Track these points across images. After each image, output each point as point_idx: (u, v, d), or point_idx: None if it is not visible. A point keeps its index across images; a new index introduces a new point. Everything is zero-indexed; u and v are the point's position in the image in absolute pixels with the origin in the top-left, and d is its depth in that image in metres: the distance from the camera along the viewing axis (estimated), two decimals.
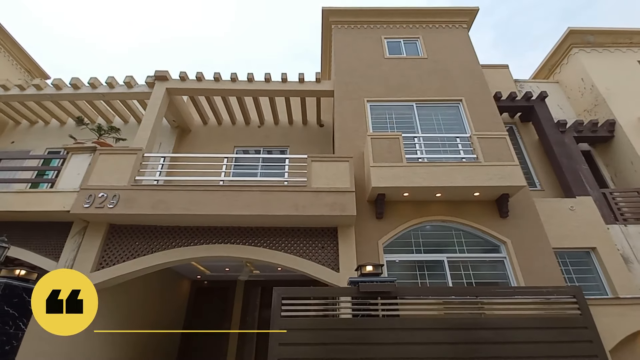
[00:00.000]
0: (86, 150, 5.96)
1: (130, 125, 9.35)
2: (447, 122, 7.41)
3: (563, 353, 3.49)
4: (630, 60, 8.59)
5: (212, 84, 8.06)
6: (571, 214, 6.46)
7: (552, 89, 9.27)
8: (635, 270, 6.04)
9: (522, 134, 8.31)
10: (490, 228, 5.92)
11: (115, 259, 5.49)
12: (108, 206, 5.32)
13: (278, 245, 5.62)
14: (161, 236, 5.68)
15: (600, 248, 6.10)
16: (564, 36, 8.89)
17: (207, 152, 8.93)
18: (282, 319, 3.59)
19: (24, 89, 8.07)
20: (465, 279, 5.64)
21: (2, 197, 5.50)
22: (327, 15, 8.94)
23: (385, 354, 3.42)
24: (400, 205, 6.09)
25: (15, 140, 9.12)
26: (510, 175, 5.73)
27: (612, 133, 7.64)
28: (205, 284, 9.30)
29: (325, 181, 5.68)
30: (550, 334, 3.58)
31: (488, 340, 3.51)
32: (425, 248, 5.93)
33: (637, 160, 7.13)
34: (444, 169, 5.76)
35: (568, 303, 3.68)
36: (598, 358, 3.40)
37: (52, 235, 5.76)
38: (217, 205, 5.37)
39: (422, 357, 3.41)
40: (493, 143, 6.10)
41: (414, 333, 3.53)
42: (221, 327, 8.54)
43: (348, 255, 5.49)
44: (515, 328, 3.62)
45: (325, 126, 9.59)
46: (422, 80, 7.87)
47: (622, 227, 6.48)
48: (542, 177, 7.62)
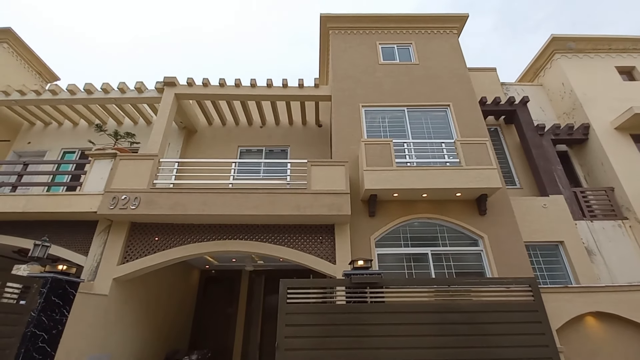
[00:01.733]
0: (107, 156, 6.59)
1: (139, 126, 9.94)
2: (436, 126, 8.05)
3: (519, 331, 4.27)
4: (607, 65, 9.18)
5: (218, 89, 8.61)
6: (544, 211, 7.21)
7: (536, 92, 9.89)
8: (597, 261, 6.84)
9: (505, 135, 8.98)
10: (470, 224, 6.66)
11: (138, 253, 6.21)
12: (131, 207, 6.00)
13: (282, 241, 6.34)
14: (178, 233, 6.39)
15: (567, 242, 6.88)
16: (547, 43, 9.44)
17: (213, 151, 9.59)
18: (287, 305, 4.34)
19: (40, 93, 8.61)
20: (446, 269, 6.41)
21: (35, 199, 6.16)
22: (325, 21, 9.41)
23: (373, 332, 4.19)
24: (390, 204, 6.80)
25: (31, 141, 9.69)
26: (488, 178, 6.42)
27: (586, 136, 8.32)
28: (213, 273, 10.08)
29: (324, 184, 6.36)
30: (509, 315, 4.35)
31: (458, 321, 4.28)
32: (412, 242, 6.67)
33: (606, 162, 7.84)
34: (429, 173, 6.44)
35: (524, 291, 4.45)
36: (545, 335, 4.19)
37: (79, 232, 6.46)
38: (229, 206, 6.06)
39: (402, 334, 4.18)
40: (474, 148, 6.77)
41: (397, 316, 4.29)
42: (228, 311, 9.39)
43: (343, 249, 6.22)
44: (481, 311, 4.39)
45: (323, 126, 10.19)
46: (414, 86, 8.46)
47: (589, 223, 7.25)
48: (521, 177, 8.34)
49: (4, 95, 8.61)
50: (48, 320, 4.52)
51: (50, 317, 4.60)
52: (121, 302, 6.18)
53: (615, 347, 4.36)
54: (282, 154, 9.92)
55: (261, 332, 9.12)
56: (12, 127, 9.70)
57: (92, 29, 50.56)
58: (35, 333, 4.32)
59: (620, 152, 7.83)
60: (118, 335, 6.12)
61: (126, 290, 6.33)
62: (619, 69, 9.19)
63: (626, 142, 7.95)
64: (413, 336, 4.20)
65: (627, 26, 50.56)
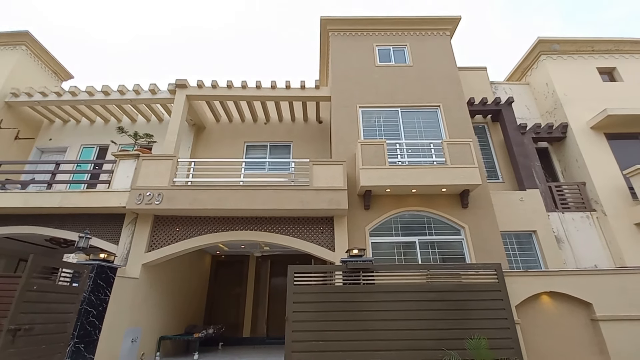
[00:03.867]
0: (131, 157, 7.38)
1: (152, 123, 10.65)
2: (427, 126, 8.78)
3: (485, 307, 5.20)
4: (589, 67, 9.80)
5: (226, 90, 9.29)
6: (520, 204, 8.07)
7: (523, 90, 10.56)
8: (564, 248, 7.77)
9: (491, 132, 9.73)
10: (453, 216, 7.53)
11: (161, 242, 7.10)
12: (155, 203, 6.84)
13: (287, 231, 7.22)
14: (195, 224, 7.26)
15: (540, 231, 7.78)
16: (534, 45, 10.02)
17: (221, 145, 10.38)
18: (294, 286, 5.26)
19: (61, 95, 9.29)
20: (432, 255, 7.33)
21: (70, 195, 6.99)
22: (325, 24, 9.95)
23: (364, 308, 5.13)
24: (383, 198, 7.64)
25: (52, 137, 10.43)
26: (470, 176, 7.23)
27: (564, 134, 9.08)
28: (223, 257, 11.07)
29: (324, 181, 7.17)
30: (477, 294, 5.28)
31: (434, 299, 5.21)
32: (402, 232, 7.56)
33: (580, 159, 8.63)
34: (418, 171, 7.25)
35: (490, 275, 5.36)
36: (505, 310, 5.13)
37: (108, 224, 7.33)
38: (241, 201, 6.90)
39: (389, 309, 5.12)
40: (459, 148, 7.54)
41: (384, 295, 5.22)
42: (238, 291, 10.43)
43: (341, 238, 7.11)
44: (454, 291, 5.31)
45: (323, 122, 10.91)
46: (407, 87, 9.13)
47: (560, 214, 8.13)
48: (504, 171, 9.15)
49: (27, 97, 9.29)
50: (96, 300, 5.46)
51: (97, 297, 5.54)
52: (148, 284, 7.13)
53: (563, 319, 5.31)
54: (285, 148, 10.68)
55: (268, 309, 10.19)
56: (33, 124, 10.41)
57: (91, 27, 50.11)
58: (87, 310, 5.27)
59: (593, 150, 8.61)
60: (146, 313, 7.09)
61: (152, 274, 7.27)
62: (600, 70, 9.82)
63: (600, 140, 8.72)
64: (397, 311, 5.14)
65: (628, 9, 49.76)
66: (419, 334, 4.98)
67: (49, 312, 4.61)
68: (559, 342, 5.21)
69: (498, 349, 4.81)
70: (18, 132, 9.68)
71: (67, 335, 4.89)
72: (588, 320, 5.34)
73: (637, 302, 5.24)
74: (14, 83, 9.63)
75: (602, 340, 5.13)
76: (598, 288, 5.38)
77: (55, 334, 4.69)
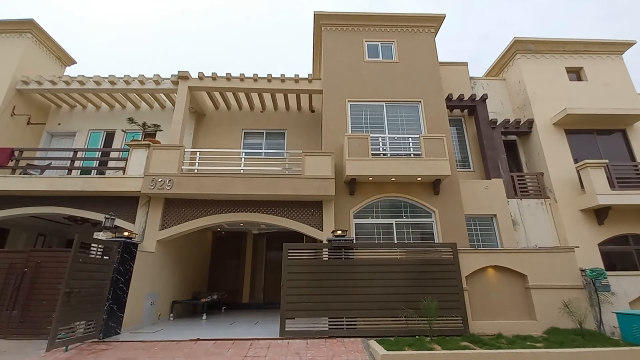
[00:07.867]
0: (142, 146, 8.26)
1: (155, 110, 11.37)
2: (409, 120, 9.74)
3: (442, 277, 6.50)
4: (558, 66, 10.71)
5: (225, 82, 10.01)
6: (485, 191, 9.28)
7: (499, 86, 11.49)
8: (519, 230, 9.09)
9: (467, 125, 10.75)
10: (426, 201, 8.71)
11: (172, 222, 8.17)
12: (166, 188, 7.83)
13: (282, 213, 8.33)
14: (201, 206, 8.30)
15: (499, 215, 9.05)
16: (510, 44, 10.83)
17: (221, 131, 11.25)
18: (288, 260, 6.46)
19: (69, 83, 9.92)
20: (406, 235, 8.57)
21: (90, 180, 7.92)
22: (318, 18, 10.55)
23: (345, 278, 6.38)
24: (366, 185, 8.74)
25: (61, 122, 11.11)
26: (442, 168, 8.32)
27: (530, 129, 10.16)
28: (223, 234, 12.24)
29: (314, 170, 8.20)
30: (436, 267, 6.56)
31: (400, 270, 6.48)
32: (382, 215, 8.74)
33: (541, 152, 9.77)
34: (396, 162, 8.31)
35: (447, 252, 6.63)
36: (456, 279, 6.44)
37: (124, 205, 8.31)
38: (241, 187, 7.92)
39: (365, 279, 6.38)
40: (434, 143, 8.57)
41: (362, 267, 6.47)
42: (236, 263, 11.73)
43: (329, 219, 8.26)
44: (418, 264, 6.58)
45: (315, 112, 11.75)
46: (393, 83, 9.97)
47: (518, 201, 9.39)
48: (475, 162, 10.29)
49: (37, 85, 9.90)
50: (123, 269, 6.59)
51: (124, 267, 6.67)
52: (162, 257, 8.27)
53: (503, 287, 6.67)
54: (280, 135, 11.57)
55: (264, 278, 11.55)
56: (42, 109, 11.03)
57: (92, 9, 48.55)
58: (117, 278, 6.40)
59: (553, 144, 9.74)
60: (160, 281, 8.29)
61: (164, 248, 8.39)
62: (568, 69, 10.75)
63: (560, 136, 9.83)
64: (372, 279, 6.41)
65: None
66: (388, 297, 6.28)
67: (90, 279, 5.75)
68: (498, 305, 6.59)
69: (449, 309, 6.19)
70: (29, 117, 10.34)
71: (104, 298, 6.06)
72: (523, 288, 6.70)
73: (559, 275, 6.61)
74: (23, 70, 10.16)
75: (531, 303, 6.51)
76: (532, 263, 6.72)
77: (96, 296, 5.86)
